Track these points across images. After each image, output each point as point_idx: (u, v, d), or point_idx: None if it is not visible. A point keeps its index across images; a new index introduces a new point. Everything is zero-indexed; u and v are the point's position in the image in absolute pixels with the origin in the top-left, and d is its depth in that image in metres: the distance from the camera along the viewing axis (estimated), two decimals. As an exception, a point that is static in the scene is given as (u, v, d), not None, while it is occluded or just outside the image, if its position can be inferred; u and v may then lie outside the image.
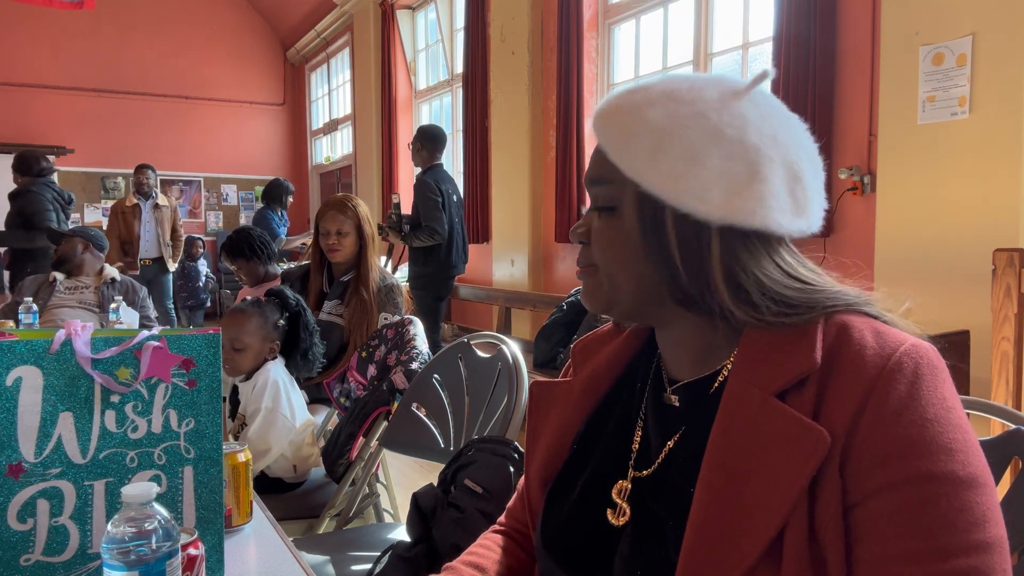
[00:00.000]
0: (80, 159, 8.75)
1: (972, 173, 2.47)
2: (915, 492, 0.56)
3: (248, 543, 1.09)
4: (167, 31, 9.06)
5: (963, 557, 0.54)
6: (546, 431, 0.82)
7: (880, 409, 0.58)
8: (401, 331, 2.08)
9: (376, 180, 7.42)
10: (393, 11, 6.97)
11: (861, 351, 0.60)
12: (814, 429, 0.58)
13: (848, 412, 0.58)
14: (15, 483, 0.85)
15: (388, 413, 1.89)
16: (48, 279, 3.49)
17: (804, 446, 0.58)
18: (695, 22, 4.01)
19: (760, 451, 0.60)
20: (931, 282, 2.55)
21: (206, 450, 0.94)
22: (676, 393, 0.74)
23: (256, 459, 1.79)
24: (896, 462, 0.57)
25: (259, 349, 1.88)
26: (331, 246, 2.47)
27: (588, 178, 0.73)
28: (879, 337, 0.61)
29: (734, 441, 0.62)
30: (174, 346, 0.92)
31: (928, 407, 0.58)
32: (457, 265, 4.43)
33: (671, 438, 0.71)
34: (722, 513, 0.60)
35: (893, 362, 0.59)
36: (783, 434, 0.60)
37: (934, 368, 0.60)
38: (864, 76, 2.93)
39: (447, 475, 1.30)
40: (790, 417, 0.60)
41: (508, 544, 0.88)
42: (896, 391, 0.58)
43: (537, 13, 4.87)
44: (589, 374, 0.82)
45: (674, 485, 0.68)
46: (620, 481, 0.73)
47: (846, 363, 0.60)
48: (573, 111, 4.47)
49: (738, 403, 0.64)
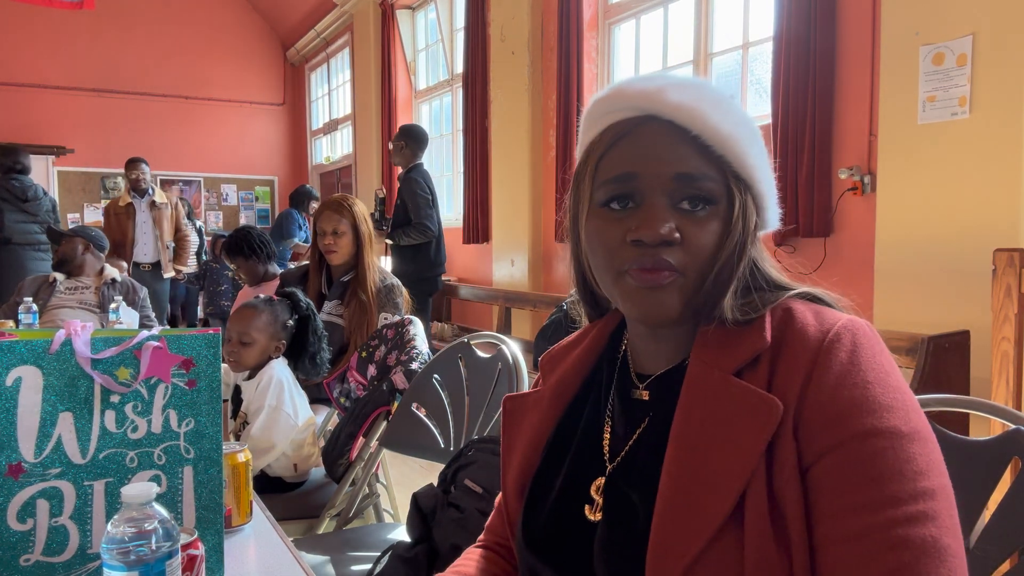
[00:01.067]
0: (80, 159, 8.75)
1: (972, 173, 2.47)
2: (863, 447, 0.60)
3: (248, 543, 1.09)
4: (167, 31, 9.06)
5: (912, 504, 0.58)
6: (520, 441, 0.83)
7: (825, 376, 0.63)
8: (401, 331, 2.08)
9: (376, 180, 7.42)
10: (393, 11, 6.96)
11: (804, 328, 0.66)
12: (768, 399, 0.63)
13: (797, 382, 0.63)
14: (15, 483, 0.85)
15: (388, 413, 1.89)
16: (48, 279, 3.49)
17: (760, 415, 0.63)
18: (695, 22, 4.01)
19: (721, 424, 0.65)
20: (931, 282, 2.55)
21: (206, 450, 0.94)
22: (648, 388, 0.76)
23: (259, 456, 1.80)
24: (844, 421, 0.61)
25: (265, 346, 1.90)
26: (328, 246, 2.47)
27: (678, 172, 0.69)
28: (819, 316, 0.67)
29: (696, 417, 0.67)
30: (174, 346, 0.92)
31: (868, 371, 0.63)
32: (443, 263, 4.44)
33: (638, 428, 0.74)
34: (689, 483, 0.64)
35: (832, 335, 0.64)
36: (741, 406, 0.64)
37: (870, 338, 0.65)
38: (864, 76, 2.93)
39: (447, 475, 1.30)
40: (746, 390, 0.65)
41: (491, 556, 0.89)
42: (838, 359, 0.63)
43: (537, 13, 4.87)
44: (557, 380, 0.83)
45: (643, 467, 0.71)
46: (599, 478, 0.75)
47: (792, 340, 0.66)
48: (573, 111, 4.47)
49: (699, 383, 0.68)
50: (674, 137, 0.69)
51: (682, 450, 0.66)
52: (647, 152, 0.70)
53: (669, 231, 0.68)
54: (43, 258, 5.14)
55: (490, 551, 0.90)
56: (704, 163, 0.69)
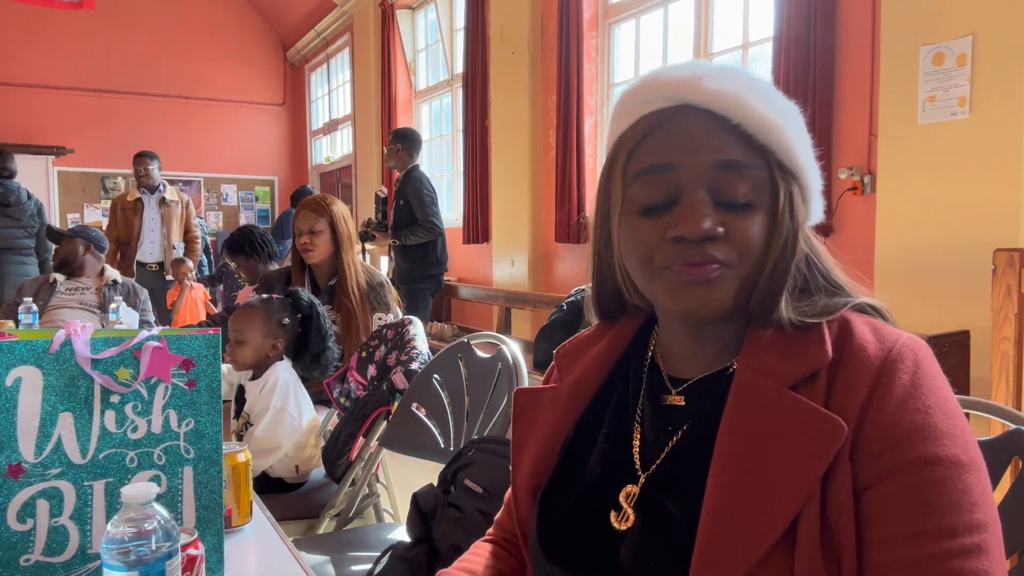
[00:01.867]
0: (80, 159, 8.75)
1: (972, 173, 2.47)
2: (922, 474, 0.58)
3: (248, 543, 1.09)
4: (167, 31, 9.06)
5: (967, 535, 0.57)
6: (533, 438, 0.80)
7: (886, 398, 0.60)
8: (401, 331, 2.08)
9: (376, 180, 7.42)
10: (393, 11, 6.96)
11: (864, 345, 0.63)
12: (831, 418, 0.60)
13: (857, 402, 0.61)
14: (15, 483, 0.85)
15: (388, 413, 1.89)
16: (48, 280, 3.49)
17: (822, 435, 0.60)
18: (695, 22, 4.01)
19: (775, 440, 0.62)
20: (931, 282, 2.55)
21: (206, 450, 0.94)
22: (683, 394, 0.73)
23: (263, 457, 1.81)
24: (904, 446, 0.59)
25: (259, 344, 1.90)
26: (304, 245, 2.45)
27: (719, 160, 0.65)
28: (877, 332, 0.65)
29: (747, 431, 0.63)
30: (174, 346, 0.92)
31: (929, 395, 0.61)
32: (445, 262, 4.46)
33: (674, 435, 0.71)
34: (737, 500, 0.61)
35: (894, 354, 0.62)
36: (799, 424, 0.61)
37: (930, 360, 0.63)
38: (864, 76, 2.93)
39: (447, 475, 1.30)
40: (806, 407, 0.62)
41: (499, 551, 0.87)
42: (900, 380, 0.61)
43: (537, 13, 4.87)
44: (576, 378, 0.80)
45: (682, 479, 0.68)
46: (629, 486, 0.72)
47: (851, 356, 0.63)
48: (573, 111, 4.47)
49: (750, 393, 0.65)
50: (713, 125, 0.65)
51: (731, 465, 0.63)
52: (685, 142, 0.65)
53: (712, 226, 0.64)
54: (24, 262, 4.94)
55: (498, 547, 0.88)
56: (747, 152, 0.65)
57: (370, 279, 2.50)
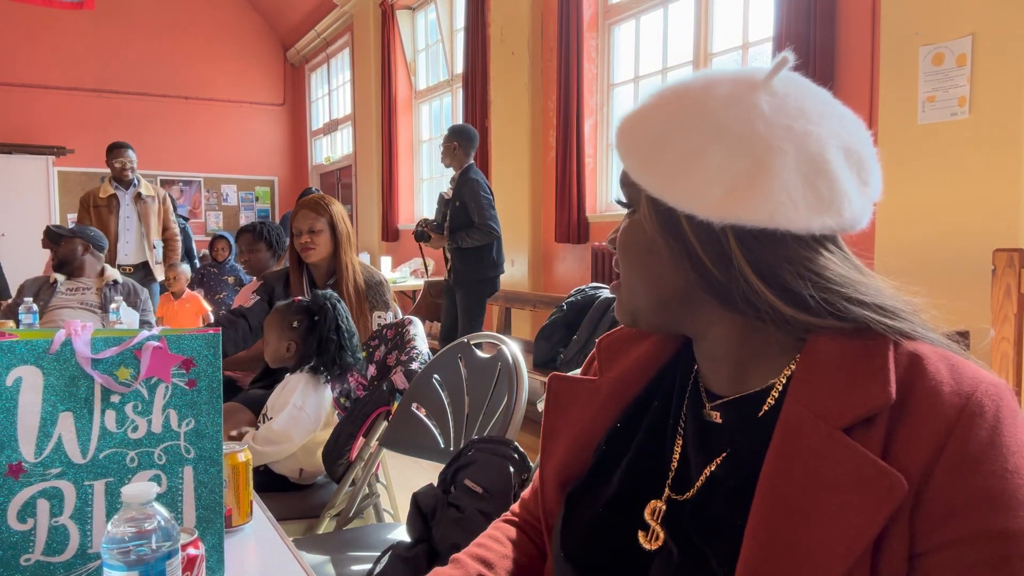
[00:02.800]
0: (80, 159, 8.75)
1: (972, 173, 2.47)
2: (989, 550, 0.52)
3: (248, 543, 1.09)
4: (167, 31, 9.07)
5: None
6: (566, 431, 0.77)
7: (959, 455, 0.53)
8: (401, 331, 2.08)
9: (376, 180, 7.42)
10: (393, 11, 6.97)
11: (938, 387, 0.55)
12: (890, 473, 0.53)
13: (923, 456, 0.54)
14: (15, 483, 0.85)
15: (388, 413, 1.89)
16: (49, 280, 3.49)
17: (877, 491, 0.53)
18: (695, 22, 4.01)
19: (824, 490, 0.55)
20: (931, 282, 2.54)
21: (206, 450, 0.94)
22: (716, 410, 0.68)
23: (271, 445, 1.87)
24: (972, 515, 0.52)
25: (276, 345, 2.01)
26: (304, 244, 2.45)
27: (620, 180, 0.71)
28: (955, 372, 0.57)
29: (793, 476, 0.57)
30: (174, 346, 0.92)
31: (1010, 456, 0.53)
32: (502, 264, 4.31)
33: (713, 460, 0.66)
34: (778, 555, 0.56)
35: (974, 403, 0.54)
36: (852, 475, 0.54)
37: (1014, 412, 0.55)
38: (864, 76, 2.93)
39: (447, 475, 1.30)
40: (862, 457, 0.54)
41: (519, 537, 0.85)
42: (977, 436, 0.53)
43: (537, 13, 4.87)
44: (618, 376, 0.77)
45: (718, 516, 0.63)
46: (654, 501, 0.68)
47: (921, 400, 0.55)
48: (573, 111, 4.47)
49: (797, 433, 0.58)
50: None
51: (773, 512, 0.57)
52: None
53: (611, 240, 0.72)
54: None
55: (520, 531, 0.86)
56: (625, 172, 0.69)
57: (369, 278, 2.51)
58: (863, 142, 0.66)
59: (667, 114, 0.65)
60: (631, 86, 4.60)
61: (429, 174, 7.14)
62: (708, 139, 0.62)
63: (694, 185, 0.61)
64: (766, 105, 0.62)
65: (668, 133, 0.64)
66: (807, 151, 0.61)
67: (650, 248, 0.66)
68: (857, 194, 0.63)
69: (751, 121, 0.61)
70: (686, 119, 0.64)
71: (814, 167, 0.61)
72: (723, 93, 0.63)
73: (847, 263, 0.64)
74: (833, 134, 0.63)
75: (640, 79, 4.54)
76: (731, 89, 0.64)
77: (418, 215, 7.08)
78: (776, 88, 0.64)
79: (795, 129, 0.61)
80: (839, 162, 0.62)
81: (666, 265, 0.65)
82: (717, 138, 0.62)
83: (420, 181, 7.28)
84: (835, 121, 0.64)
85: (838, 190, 0.61)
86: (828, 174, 0.61)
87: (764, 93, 0.63)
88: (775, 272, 0.61)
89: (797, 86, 0.66)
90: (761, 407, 0.64)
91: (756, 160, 0.60)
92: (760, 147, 0.61)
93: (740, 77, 0.65)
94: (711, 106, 0.63)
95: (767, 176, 0.60)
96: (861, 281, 0.63)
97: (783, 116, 0.62)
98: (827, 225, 0.61)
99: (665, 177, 0.63)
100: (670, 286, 0.66)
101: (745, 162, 0.61)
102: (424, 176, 7.24)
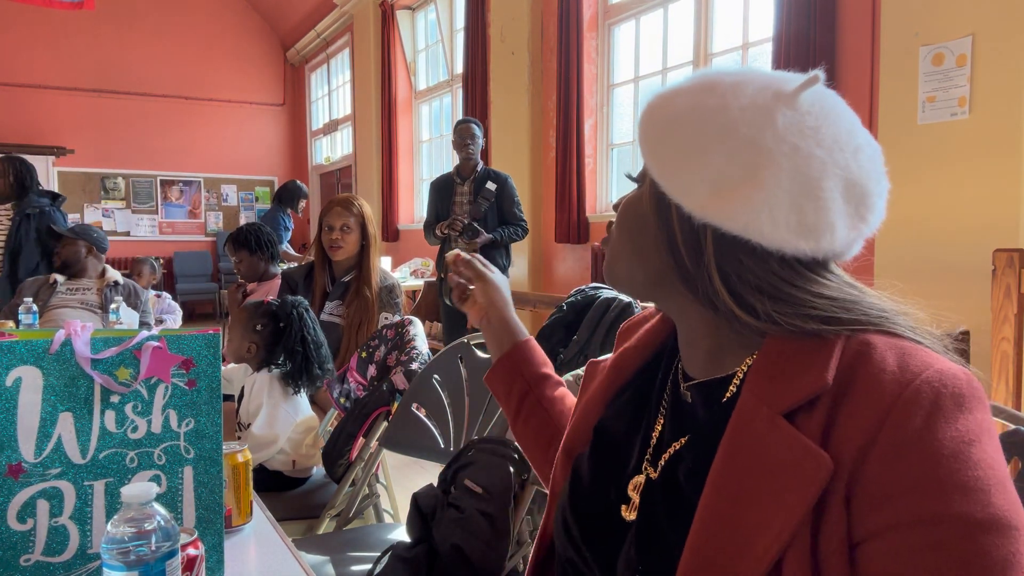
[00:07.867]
0: (80, 159, 8.76)
1: (972, 173, 2.47)
2: (923, 535, 0.52)
3: (248, 543, 1.09)
4: (167, 31, 9.07)
5: None
6: (579, 406, 0.84)
7: (893, 441, 0.54)
8: (401, 331, 2.08)
9: (376, 180, 7.42)
10: (393, 11, 6.97)
11: (879, 375, 0.56)
12: (816, 453, 0.55)
13: (857, 441, 0.55)
14: (15, 483, 0.85)
15: (388, 413, 1.89)
16: (48, 280, 3.48)
17: (804, 471, 0.55)
18: (695, 22, 4.01)
19: (766, 473, 0.57)
20: (931, 282, 2.55)
21: (206, 450, 0.94)
22: (689, 390, 0.71)
23: (262, 450, 1.86)
24: (904, 500, 0.53)
25: (238, 343, 1.99)
26: (334, 241, 2.50)
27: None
28: (903, 360, 0.57)
29: (739, 460, 0.59)
30: (174, 346, 0.92)
31: (945, 441, 0.53)
32: (509, 266, 4.30)
33: (679, 439, 0.69)
34: (721, 534, 0.58)
35: (911, 390, 0.54)
36: (787, 457, 0.56)
37: (959, 398, 0.55)
38: (864, 76, 2.93)
39: (447, 475, 1.30)
40: (795, 439, 0.56)
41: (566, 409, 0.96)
42: (911, 423, 0.53)
43: (537, 13, 4.87)
44: (619, 355, 0.82)
45: (680, 491, 0.66)
46: (637, 476, 0.72)
47: (861, 386, 0.56)
48: (573, 111, 4.47)
49: (747, 420, 0.60)
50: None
51: (720, 498, 0.59)
52: None
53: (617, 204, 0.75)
54: None
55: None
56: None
57: (383, 280, 2.55)
58: (873, 179, 0.65)
59: (689, 103, 0.66)
60: (631, 86, 4.61)
61: (429, 174, 7.14)
62: (715, 138, 0.63)
63: (688, 178, 0.63)
64: (782, 119, 0.62)
65: (683, 122, 0.65)
66: (804, 173, 0.61)
67: (642, 222, 0.69)
68: (846, 227, 0.63)
69: (761, 130, 0.62)
70: (703, 112, 0.64)
71: (805, 190, 0.61)
72: (747, 96, 0.63)
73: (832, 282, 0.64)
74: (840, 164, 0.62)
75: (640, 79, 4.54)
76: (756, 94, 0.64)
77: (418, 215, 7.08)
78: (800, 104, 0.63)
79: (801, 149, 0.61)
80: (834, 192, 0.62)
81: (650, 243, 0.68)
82: (724, 139, 0.62)
83: (420, 181, 7.28)
84: (849, 151, 0.64)
85: (824, 219, 0.61)
86: (818, 201, 0.61)
87: (786, 106, 0.63)
88: (739, 278, 0.62)
89: (824, 106, 0.65)
90: (725, 393, 0.67)
91: (749, 169, 0.61)
92: (758, 157, 0.61)
93: (770, 83, 0.65)
94: (730, 106, 0.63)
95: (754, 187, 0.60)
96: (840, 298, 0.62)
97: (795, 134, 0.62)
98: (800, 249, 0.61)
99: (667, 163, 0.65)
100: (650, 263, 0.69)
101: (739, 168, 0.61)
102: (424, 176, 7.24)
